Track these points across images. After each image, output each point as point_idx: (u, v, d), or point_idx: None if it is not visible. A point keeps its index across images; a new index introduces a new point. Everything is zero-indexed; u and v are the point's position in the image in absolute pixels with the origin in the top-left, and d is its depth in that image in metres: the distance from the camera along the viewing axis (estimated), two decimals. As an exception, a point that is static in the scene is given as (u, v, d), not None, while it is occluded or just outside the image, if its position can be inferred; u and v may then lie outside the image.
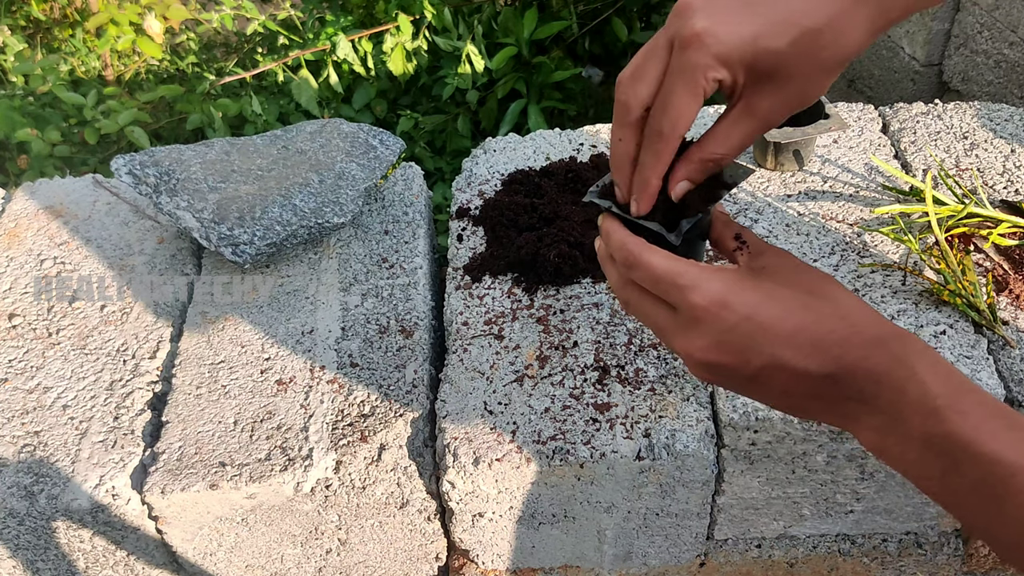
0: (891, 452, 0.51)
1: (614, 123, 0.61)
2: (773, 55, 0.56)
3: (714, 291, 0.53)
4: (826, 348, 0.51)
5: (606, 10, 2.47)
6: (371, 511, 0.94)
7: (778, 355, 0.52)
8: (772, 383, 0.53)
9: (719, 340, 0.53)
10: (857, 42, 0.57)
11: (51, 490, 0.88)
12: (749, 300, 0.53)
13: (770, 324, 0.52)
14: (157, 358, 1.01)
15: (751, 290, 0.53)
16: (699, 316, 0.53)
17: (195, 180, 1.08)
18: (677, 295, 0.54)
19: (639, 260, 0.56)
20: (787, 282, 0.54)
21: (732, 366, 0.54)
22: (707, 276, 0.54)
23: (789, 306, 0.53)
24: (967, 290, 0.93)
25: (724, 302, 0.53)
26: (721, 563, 1.03)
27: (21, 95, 2.32)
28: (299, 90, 2.27)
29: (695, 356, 0.54)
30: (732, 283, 0.54)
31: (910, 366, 0.50)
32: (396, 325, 1.01)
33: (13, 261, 1.13)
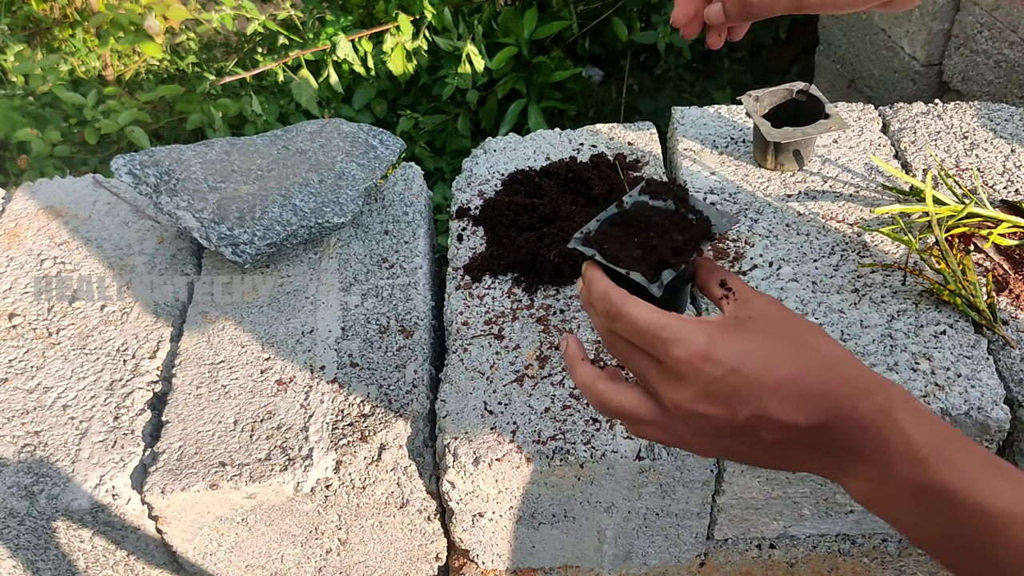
0: (881, 503, 0.52)
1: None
2: None
3: (697, 344, 0.53)
4: (813, 399, 0.52)
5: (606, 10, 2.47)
6: (371, 511, 0.94)
7: (764, 406, 0.52)
8: (761, 432, 0.53)
9: (705, 392, 0.53)
10: None
11: (51, 490, 0.88)
12: (734, 352, 0.53)
13: (756, 376, 0.52)
14: (157, 358, 1.01)
15: (736, 341, 0.53)
16: (683, 370, 0.53)
17: (195, 180, 1.08)
18: (660, 348, 0.54)
19: (621, 312, 0.56)
20: (773, 333, 0.54)
21: (720, 417, 0.53)
22: (689, 329, 0.54)
23: (775, 359, 0.53)
24: (967, 290, 0.93)
25: (707, 356, 0.53)
26: (721, 563, 1.03)
27: (21, 95, 2.32)
28: (299, 90, 2.27)
29: (683, 407, 0.54)
30: (715, 335, 0.54)
31: (892, 416, 0.51)
32: (396, 325, 1.01)
33: (13, 261, 1.13)
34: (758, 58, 2.71)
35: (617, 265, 0.63)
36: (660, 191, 0.70)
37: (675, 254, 0.65)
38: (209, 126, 2.23)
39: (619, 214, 0.69)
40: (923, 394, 0.86)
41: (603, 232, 0.68)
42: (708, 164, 1.16)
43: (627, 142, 1.22)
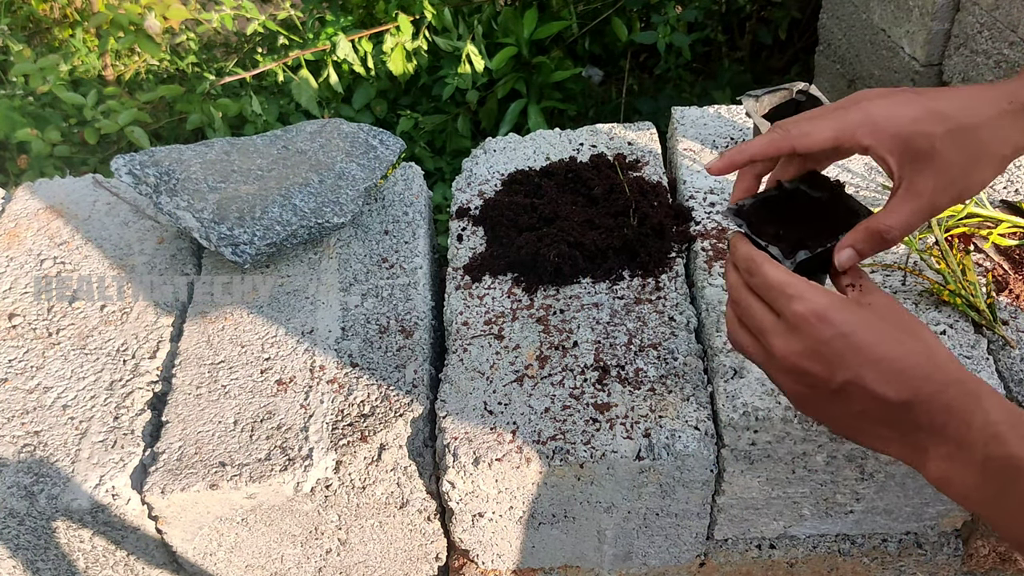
0: (953, 480, 0.56)
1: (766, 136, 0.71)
2: (927, 139, 0.65)
3: (816, 304, 0.59)
4: (908, 379, 0.57)
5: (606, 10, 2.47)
6: (371, 511, 0.94)
7: (863, 375, 0.57)
8: (851, 400, 0.58)
9: (813, 349, 0.58)
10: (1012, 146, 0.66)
11: (51, 490, 0.88)
12: (847, 320, 0.58)
13: (862, 346, 0.57)
14: (157, 358, 1.01)
15: (852, 313, 0.58)
16: (798, 324, 0.59)
17: (195, 180, 1.08)
18: (784, 302, 0.60)
19: (759, 269, 0.63)
20: (886, 317, 0.60)
21: (819, 376, 0.59)
22: (813, 291, 0.60)
23: (882, 336, 0.58)
24: (967, 290, 0.93)
25: (823, 316, 0.58)
26: (721, 563, 1.03)
27: (21, 95, 2.32)
28: (299, 90, 2.27)
29: (789, 359, 0.60)
30: (835, 302, 0.59)
31: (977, 398, 0.56)
32: (396, 325, 1.01)
33: (13, 261, 1.13)
34: (758, 58, 2.71)
35: (759, 238, 0.71)
36: (819, 182, 0.76)
37: (813, 238, 0.71)
38: (209, 126, 2.23)
39: (777, 196, 0.76)
40: (923, 394, 0.86)
41: (756, 208, 0.75)
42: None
43: (627, 142, 1.22)
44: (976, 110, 0.66)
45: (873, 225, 0.67)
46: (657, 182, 1.14)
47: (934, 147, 0.65)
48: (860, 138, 0.67)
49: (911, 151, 0.65)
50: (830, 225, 0.73)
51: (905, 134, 0.65)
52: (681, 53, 2.46)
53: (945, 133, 0.65)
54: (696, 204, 1.11)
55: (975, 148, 0.65)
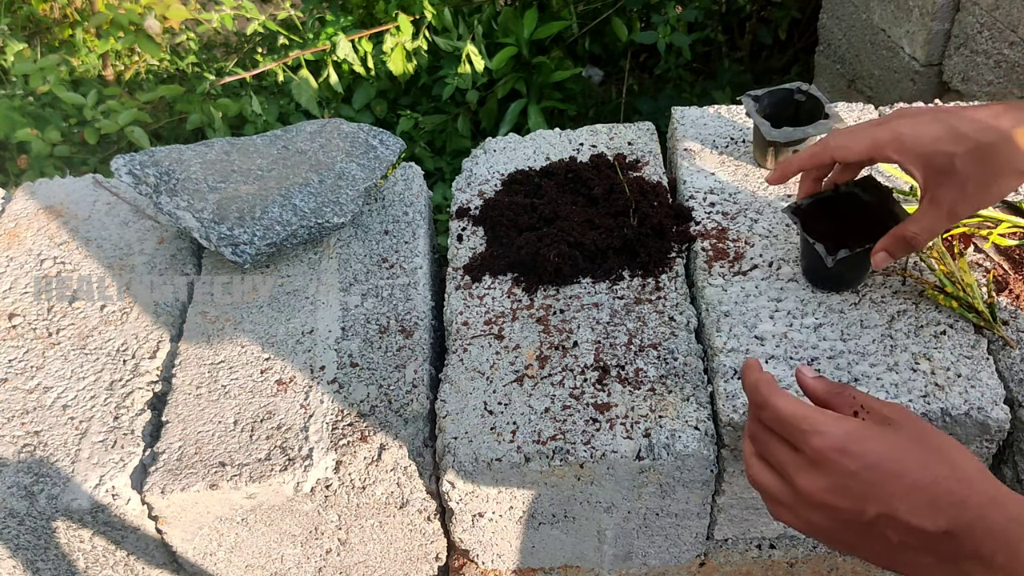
0: None
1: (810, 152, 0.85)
2: (947, 156, 0.74)
3: (836, 437, 0.56)
4: (943, 507, 0.54)
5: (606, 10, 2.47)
6: (371, 511, 0.94)
7: (895, 507, 0.54)
8: (887, 533, 0.56)
9: (840, 484, 0.56)
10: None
11: (51, 490, 0.88)
12: (871, 450, 0.56)
13: (890, 476, 0.55)
14: (157, 358, 1.01)
15: (873, 440, 0.56)
16: (820, 459, 0.57)
17: (195, 180, 1.08)
18: (800, 437, 0.58)
19: (768, 402, 0.61)
20: (910, 438, 0.57)
21: (849, 511, 0.56)
22: (830, 422, 0.57)
23: (909, 462, 0.55)
24: (966, 291, 0.93)
25: (844, 449, 0.56)
26: (721, 563, 1.03)
27: (21, 95, 2.32)
28: (299, 90, 2.27)
29: (815, 496, 0.57)
30: (854, 431, 0.57)
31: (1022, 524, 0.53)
32: (396, 325, 1.01)
33: (13, 261, 1.13)
34: (758, 58, 2.71)
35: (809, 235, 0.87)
36: (871, 186, 0.89)
37: (857, 238, 0.85)
38: (209, 126, 2.23)
39: (832, 197, 0.89)
40: (923, 394, 0.86)
41: (811, 208, 0.89)
42: (708, 164, 1.16)
43: (627, 142, 1.22)
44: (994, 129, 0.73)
45: (900, 232, 0.79)
46: (657, 182, 1.14)
47: (954, 165, 0.73)
48: (890, 154, 0.77)
49: (934, 167, 0.74)
50: (874, 227, 0.86)
51: (928, 152, 0.74)
52: (681, 53, 2.46)
53: (965, 153, 0.73)
54: (696, 204, 1.11)
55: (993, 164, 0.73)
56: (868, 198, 0.91)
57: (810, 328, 0.94)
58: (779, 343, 0.92)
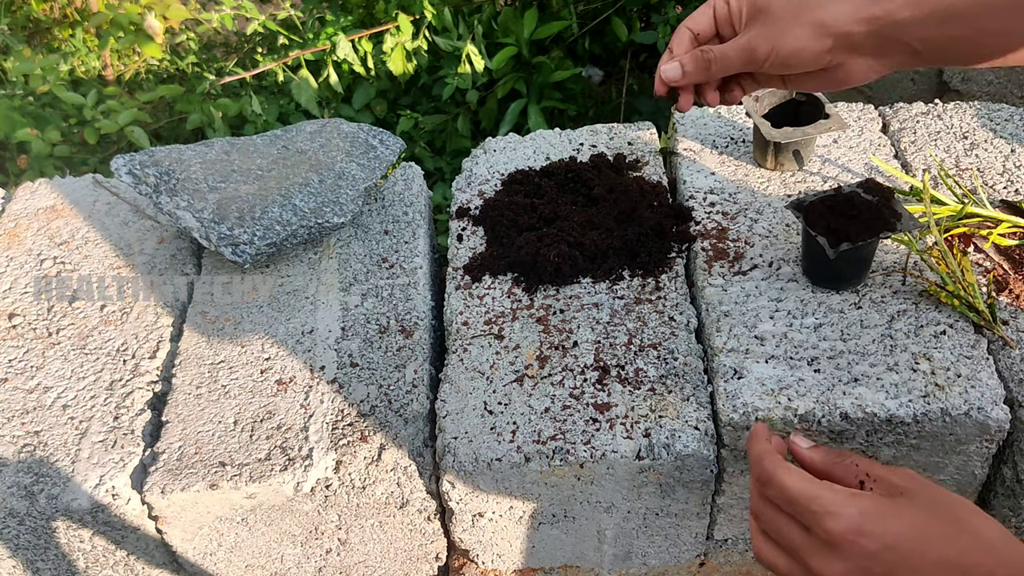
0: None
1: None
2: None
3: (851, 518, 0.53)
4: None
5: (606, 10, 2.47)
6: (371, 511, 0.94)
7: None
8: None
9: (860, 567, 0.53)
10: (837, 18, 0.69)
11: (51, 490, 0.88)
12: (889, 529, 0.53)
13: (912, 554, 0.52)
14: (157, 358, 1.01)
15: (890, 517, 0.53)
16: (836, 543, 0.53)
17: (195, 180, 1.08)
18: (811, 519, 0.54)
19: (773, 478, 0.57)
20: (927, 510, 0.54)
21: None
22: (843, 501, 0.54)
23: (931, 537, 0.52)
24: (967, 291, 0.93)
25: (861, 530, 0.53)
26: (721, 563, 1.03)
27: (21, 95, 2.32)
28: (299, 90, 2.27)
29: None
30: (869, 510, 0.54)
31: None
32: (396, 325, 1.01)
33: (13, 261, 1.13)
34: (758, 58, 2.70)
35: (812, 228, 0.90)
36: (873, 188, 0.92)
37: (860, 234, 0.89)
38: (209, 126, 2.23)
39: (835, 196, 0.92)
40: (923, 394, 0.86)
41: (814, 204, 0.92)
42: (708, 164, 1.16)
43: (627, 142, 1.22)
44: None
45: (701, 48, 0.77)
46: (657, 182, 1.14)
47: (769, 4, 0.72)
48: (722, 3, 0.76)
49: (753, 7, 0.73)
50: (876, 224, 0.90)
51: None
52: (681, 53, 2.46)
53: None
54: (696, 204, 1.11)
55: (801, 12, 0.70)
56: (871, 198, 0.93)
57: (810, 328, 0.94)
58: (779, 343, 0.92)
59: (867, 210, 0.92)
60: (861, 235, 0.90)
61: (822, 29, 0.70)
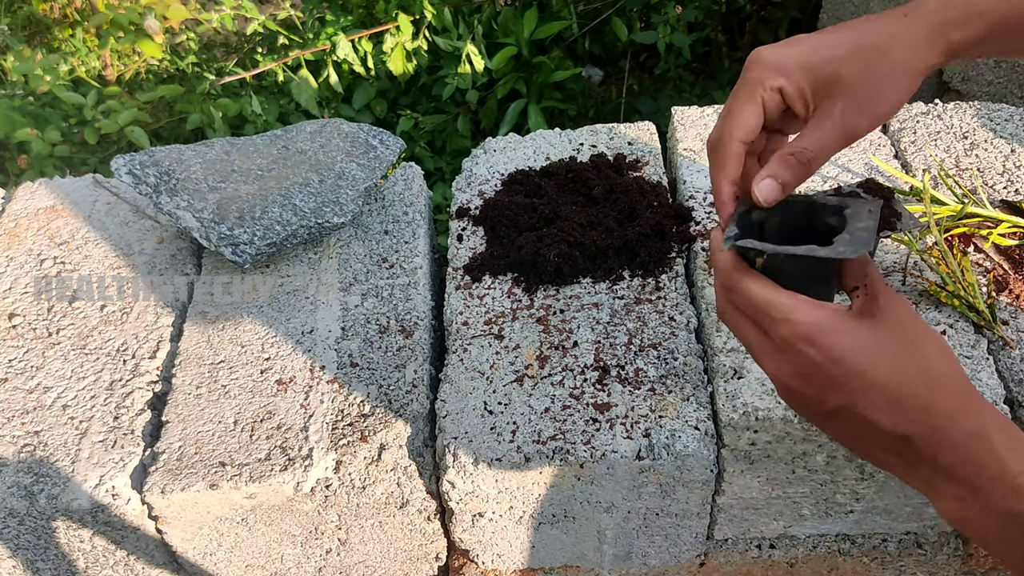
0: (972, 523, 0.52)
1: None
2: (830, 62, 0.62)
3: (804, 327, 0.54)
4: (904, 410, 0.52)
5: (606, 10, 2.47)
6: (371, 511, 0.94)
7: (856, 401, 0.53)
8: (847, 424, 0.55)
9: (802, 372, 0.55)
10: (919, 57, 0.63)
11: (51, 490, 0.88)
12: (837, 343, 0.53)
13: (853, 372, 0.53)
14: (157, 358, 1.01)
15: (845, 334, 0.54)
16: (786, 348, 0.55)
17: (195, 180, 1.08)
18: (769, 324, 0.56)
19: (738, 286, 0.58)
20: (887, 335, 0.54)
21: (811, 398, 0.55)
22: (801, 310, 0.55)
23: (878, 360, 0.53)
24: (967, 291, 0.93)
25: (811, 340, 0.54)
26: (721, 563, 1.03)
27: (21, 95, 2.32)
28: (299, 90, 2.27)
29: (779, 379, 0.57)
30: (824, 322, 0.54)
31: (988, 440, 0.51)
32: (396, 325, 1.01)
33: (13, 261, 1.13)
34: (758, 58, 2.70)
35: None
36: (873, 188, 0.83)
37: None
38: (209, 126, 2.23)
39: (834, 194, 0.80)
40: (923, 394, 0.86)
41: None
42: (707, 164, 1.16)
43: (627, 142, 1.22)
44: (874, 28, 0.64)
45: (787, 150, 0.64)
46: (657, 182, 1.14)
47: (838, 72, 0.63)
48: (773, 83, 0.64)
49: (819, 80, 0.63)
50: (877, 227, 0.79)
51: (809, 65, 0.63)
52: (681, 53, 2.46)
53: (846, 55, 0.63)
54: (696, 204, 1.11)
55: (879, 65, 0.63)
56: (869, 198, 0.92)
57: (810, 328, 0.94)
58: (779, 343, 0.92)
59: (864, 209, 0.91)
60: None
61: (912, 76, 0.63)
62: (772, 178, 0.62)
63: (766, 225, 0.62)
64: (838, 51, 0.63)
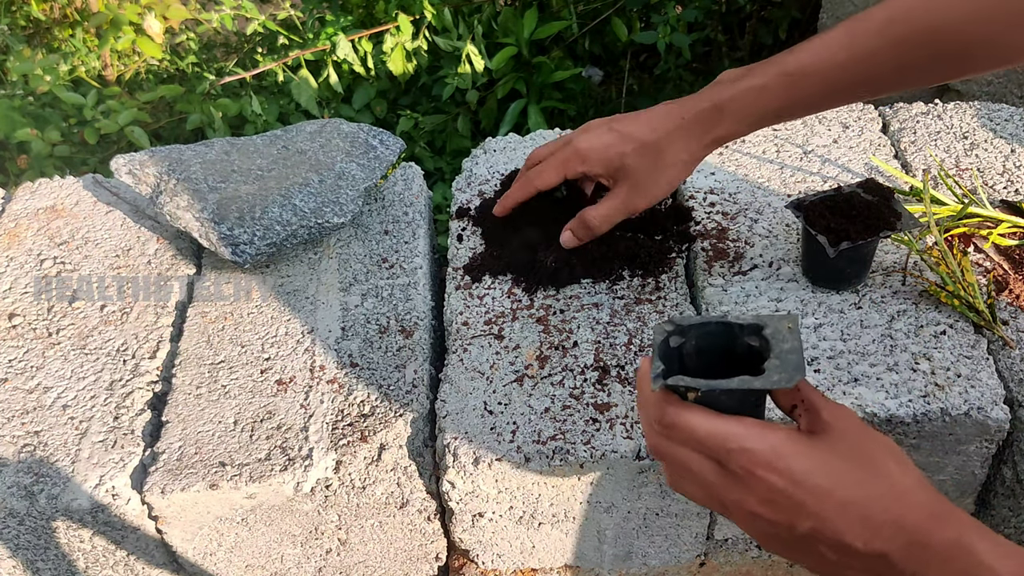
0: None
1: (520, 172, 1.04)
2: (620, 157, 0.89)
3: (761, 453, 0.53)
4: (876, 527, 0.51)
5: (606, 10, 2.47)
6: (371, 511, 0.94)
7: (824, 523, 0.52)
8: (821, 549, 0.53)
9: (767, 499, 0.53)
10: (688, 152, 0.87)
11: (51, 490, 0.88)
12: (797, 466, 0.52)
13: (819, 492, 0.52)
14: (157, 358, 1.01)
15: (801, 455, 0.53)
16: (746, 477, 0.53)
17: (195, 180, 1.08)
18: (724, 456, 0.54)
19: (677, 422, 0.56)
20: (843, 451, 0.54)
21: (781, 524, 0.54)
22: (754, 436, 0.54)
23: (841, 477, 0.52)
24: (966, 291, 0.93)
25: (771, 465, 0.53)
26: (721, 563, 1.03)
27: (21, 95, 2.32)
28: (299, 90, 2.27)
29: (744, 508, 0.55)
30: (780, 446, 0.53)
31: (969, 549, 0.50)
32: (396, 325, 1.01)
33: (13, 261, 1.13)
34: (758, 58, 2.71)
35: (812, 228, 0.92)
36: (873, 188, 0.94)
37: (858, 234, 0.90)
38: (209, 126, 2.23)
39: (835, 196, 0.94)
40: (923, 394, 0.86)
41: (814, 204, 0.93)
42: (708, 164, 1.16)
43: (627, 142, 1.22)
44: (655, 128, 0.87)
45: (583, 215, 0.94)
46: (657, 182, 1.14)
47: (625, 163, 0.88)
48: (577, 168, 0.93)
49: (612, 167, 0.90)
50: (876, 224, 0.90)
51: (604, 156, 0.90)
52: (681, 53, 2.46)
53: (632, 151, 0.88)
54: (696, 204, 1.11)
55: (656, 158, 0.87)
56: (871, 198, 0.93)
57: (810, 328, 0.94)
58: (779, 343, 0.92)
59: (867, 210, 0.92)
60: (861, 235, 0.90)
61: (681, 166, 0.88)
62: (570, 231, 0.98)
63: (684, 348, 0.59)
64: (627, 148, 0.88)
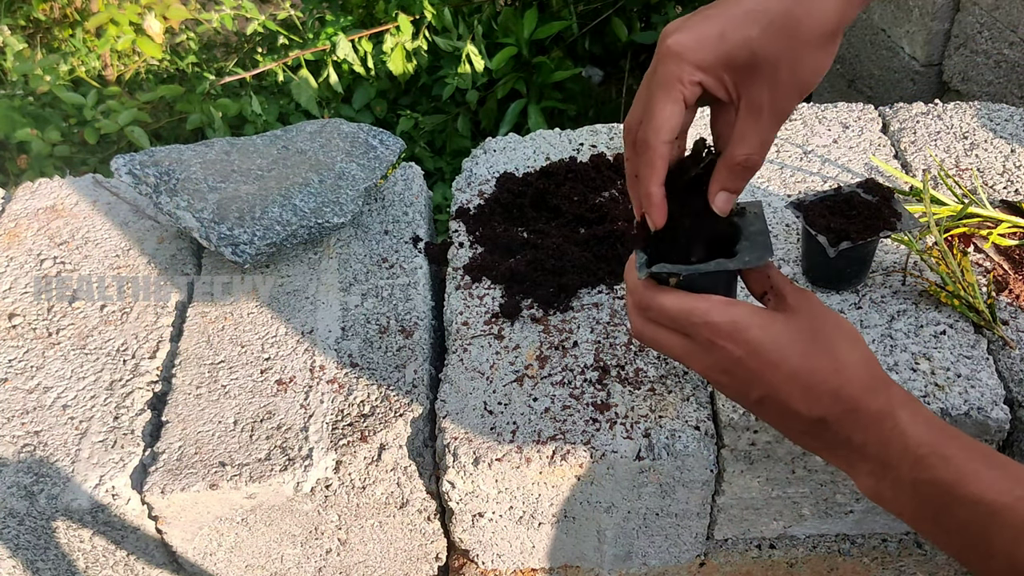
0: (887, 498, 0.57)
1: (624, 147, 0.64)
2: (746, 45, 0.57)
3: (722, 325, 0.58)
4: (816, 396, 0.56)
5: (606, 10, 2.47)
6: (371, 511, 0.94)
7: (774, 392, 0.58)
8: (772, 413, 0.59)
9: (725, 368, 0.59)
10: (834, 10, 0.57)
11: (51, 490, 0.88)
12: (754, 337, 0.57)
13: (769, 363, 0.57)
14: (157, 358, 1.01)
15: (758, 328, 0.57)
16: (709, 346, 0.59)
17: (195, 180, 1.08)
18: (690, 328, 0.59)
19: (652, 303, 0.61)
20: (797, 327, 0.58)
21: (738, 390, 0.60)
22: (716, 311, 0.58)
23: (791, 351, 0.57)
24: (966, 291, 0.93)
25: (731, 336, 0.58)
26: (721, 563, 1.03)
27: (21, 95, 2.32)
28: (299, 90, 2.27)
29: (709, 375, 0.61)
30: (741, 319, 0.58)
31: (893, 417, 0.56)
32: (396, 325, 1.01)
33: (13, 261, 1.13)
34: (758, 58, 2.70)
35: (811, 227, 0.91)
36: (873, 188, 0.94)
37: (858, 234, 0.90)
38: (209, 126, 2.23)
39: (834, 195, 0.94)
40: (923, 394, 0.86)
41: (814, 203, 0.94)
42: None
43: (627, 142, 1.22)
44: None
45: (731, 160, 0.62)
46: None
47: (756, 53, 0.57)
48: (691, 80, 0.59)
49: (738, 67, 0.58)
50: (876, 224, 0.90)
51: (724, 54, 0.58)
52: (681, 53, 2.46)
53: (761, 33, 0.57)
54: (696, 204, 1.11)
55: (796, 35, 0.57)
56: (870, 198, 0.93)
57: (810, 328, 0.94)
58: (779, 343, 0.92)
59: (867, 210, 0.92)
60: (861, 235, 0.90)
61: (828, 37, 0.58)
62: (726, 191, 0.62)
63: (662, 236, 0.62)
64: (751, 30, 0.57)
